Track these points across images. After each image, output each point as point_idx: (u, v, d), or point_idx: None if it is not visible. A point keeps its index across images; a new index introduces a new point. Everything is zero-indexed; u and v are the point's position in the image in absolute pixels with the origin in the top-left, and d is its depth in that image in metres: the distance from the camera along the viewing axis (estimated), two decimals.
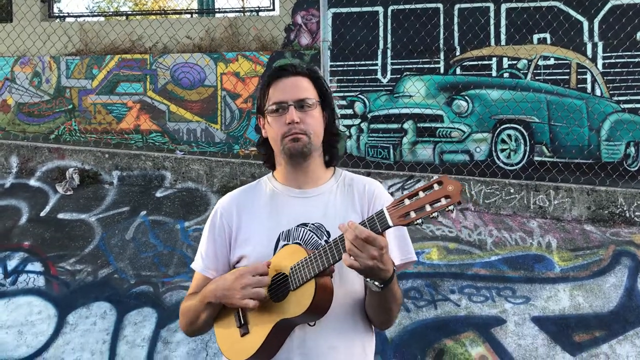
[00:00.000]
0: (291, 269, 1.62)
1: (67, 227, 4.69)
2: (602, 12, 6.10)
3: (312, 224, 1.73)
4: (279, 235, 1.73)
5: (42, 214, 4.87)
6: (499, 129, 6.03)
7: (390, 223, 1.48)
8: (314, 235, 1.71)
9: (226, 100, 6.53)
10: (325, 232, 1.71)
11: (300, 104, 1.71)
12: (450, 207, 1.43)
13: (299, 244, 1.69)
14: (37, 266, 4.36)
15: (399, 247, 1.74)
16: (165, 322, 3.89)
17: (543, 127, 5.98)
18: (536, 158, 5.93)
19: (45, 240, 4.57)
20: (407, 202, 1.47)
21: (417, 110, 6.12)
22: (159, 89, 6.68)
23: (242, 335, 1.68)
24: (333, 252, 1.56)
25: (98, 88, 6.80)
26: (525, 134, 5.97)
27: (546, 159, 5.88)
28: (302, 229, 1.72)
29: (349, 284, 1.70)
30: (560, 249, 4.30)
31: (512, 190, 4.67)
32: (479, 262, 4.19)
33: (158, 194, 5.01)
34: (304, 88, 1.74)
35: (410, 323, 3.81)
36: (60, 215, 4.83)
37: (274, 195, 1.81)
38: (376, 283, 1.54)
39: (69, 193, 5.08)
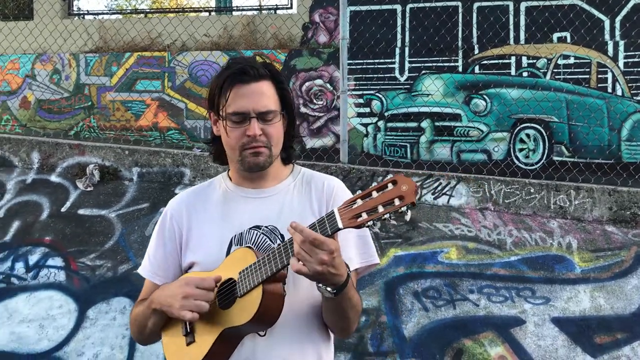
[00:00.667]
0: (239, 274, 1.53)
1: (87, 223, 4.74)
2: (624, 11, 6.02)
3: (266, 227, 1.64)
4: (231, 240, 1.64)
5: (63, 209, 4.92)
6: (518, 128, 5.98)
7: (340, 225, 1.38)
8: (267, 239, 1.62)
9: None
10: (279, 235, 1.62)
11: (263, 116, 1.62)
12: (404, 209, 1.33)
13: (250, 247, 1.58)
14: (57, 261, 4.41)
15: (358, 249, 1.65)
16: None
17: (563, 127, 5.92)
18: (556, 158, 5.87)
19: (65, 236, 4.62)
20: (359, 202, 1.37)
21: (435, 109, 6.09)
22: (177, 87, 6.72)
23: (188, 344, 1.60)
24: (282, 256, 1.46)
25: (117, 85, 6.85)
26: (545, 133, 5.91)
27: (566, 159, 5.82)
28: (255, 231, 1.63)
29: (303, 290, 1.60)
30: (581, 249, 4.25)
31: (532, 190, 4.63)
32: (499, 262, 4.16)
33: (177, 191, 5.04)
34: (267, 96, 1.63)
35: (429, 322, 3.80)
36: (81, 211, 4.88)
37: (226, 196, 1.72)
38: (328, 289, 1.45)
39: (89, 189, 5.13)
